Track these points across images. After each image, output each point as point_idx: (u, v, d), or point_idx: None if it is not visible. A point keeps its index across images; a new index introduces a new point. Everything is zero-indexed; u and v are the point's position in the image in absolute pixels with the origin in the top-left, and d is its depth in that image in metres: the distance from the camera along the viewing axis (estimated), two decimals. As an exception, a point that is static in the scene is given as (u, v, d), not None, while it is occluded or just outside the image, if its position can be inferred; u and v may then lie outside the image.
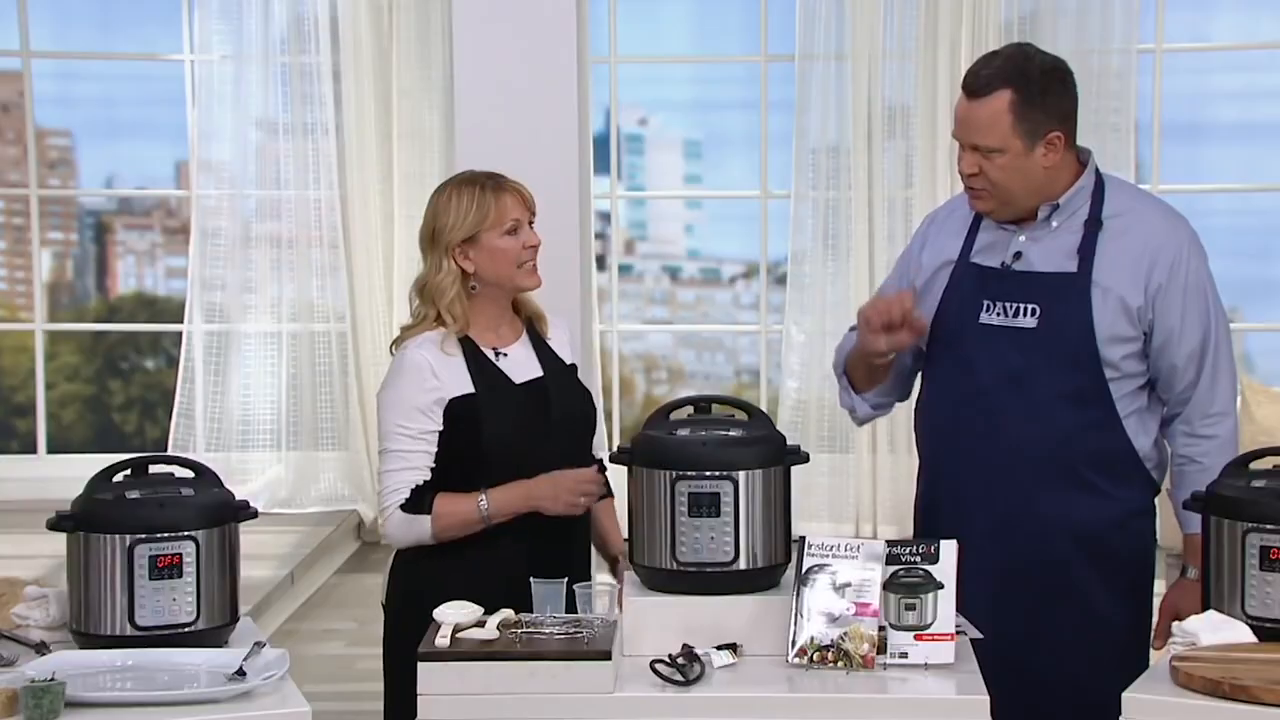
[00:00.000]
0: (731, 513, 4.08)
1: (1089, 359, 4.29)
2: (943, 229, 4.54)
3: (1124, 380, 4.33)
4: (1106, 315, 4.28)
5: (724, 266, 10.72)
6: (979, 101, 4.26)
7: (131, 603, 3.96)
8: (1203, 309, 4.33)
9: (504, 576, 4.25)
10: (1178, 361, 4.32)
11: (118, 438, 10.89)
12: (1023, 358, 4.31)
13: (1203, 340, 4.32)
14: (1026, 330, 4.32)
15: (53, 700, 3.55)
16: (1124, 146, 9.41)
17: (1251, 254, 10.20)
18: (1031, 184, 4.29)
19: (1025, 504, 4.31)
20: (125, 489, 4.06)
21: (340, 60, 9.65)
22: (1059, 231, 4.34)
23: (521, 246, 4.46)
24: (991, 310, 4.36)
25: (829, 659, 3.89)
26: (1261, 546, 3.96)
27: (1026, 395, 4.31)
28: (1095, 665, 4.35)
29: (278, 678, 3.77)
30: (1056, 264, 4.32)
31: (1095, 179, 4.38)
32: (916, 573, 3.96)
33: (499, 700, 3.78)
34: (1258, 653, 3.81)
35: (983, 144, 4.27)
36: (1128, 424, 4.35)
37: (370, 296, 9.77)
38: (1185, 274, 4.31)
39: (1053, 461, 4.31)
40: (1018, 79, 4.24)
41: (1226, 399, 4.35)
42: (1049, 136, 4.27)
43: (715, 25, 10.72)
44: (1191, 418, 4.34)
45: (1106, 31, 9.31)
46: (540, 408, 4.48)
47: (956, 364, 4.42)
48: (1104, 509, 4.34)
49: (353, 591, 8.92)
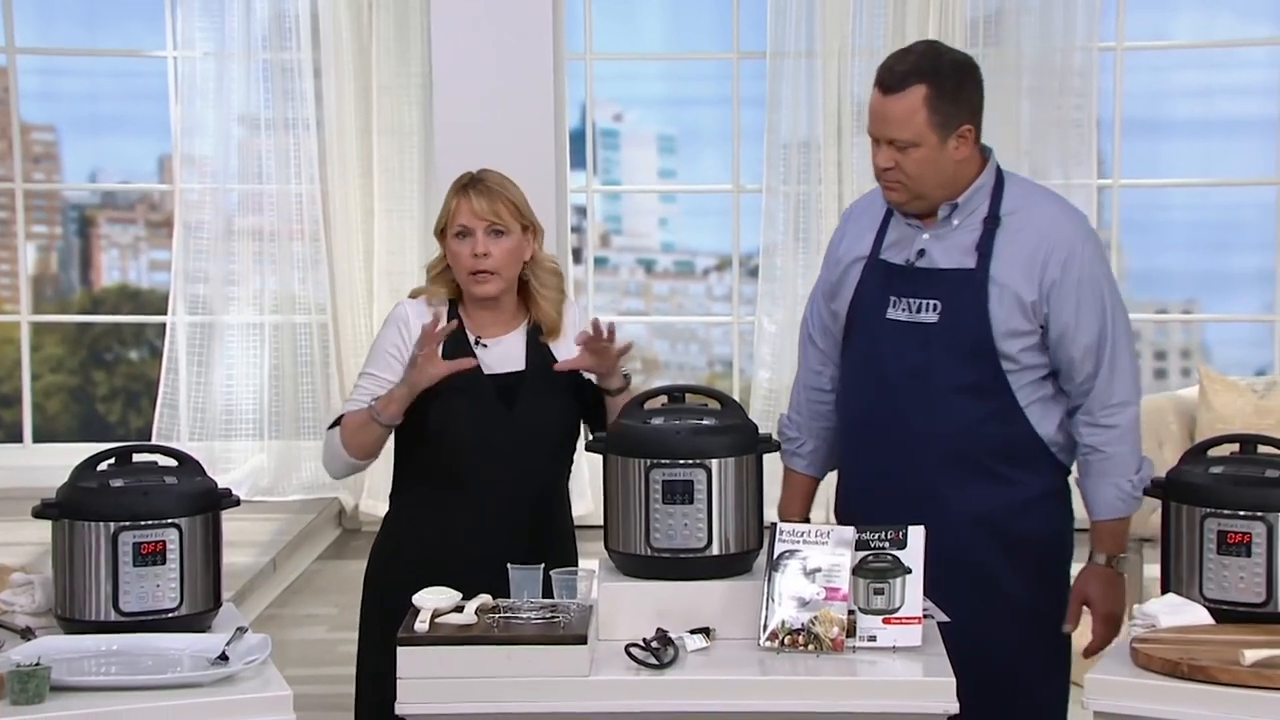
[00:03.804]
0: (705, 500, 4.11)
1: (987, 352, 4.33)
2: (857, 224, 4.59)
3: (1024, 372, 4.37)
4: (1002, 310, 4.32)
5: (697, 259, 10.74)
6: (895, 97, 4.30)
7: (116, 589, 3.98)
8: (1098, 303, 4.35)
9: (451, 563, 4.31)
10: (1075, 354, 4.35)
11: (102, 427, 10.91)
12: (924, 352, 4.36)
13: (1099, 334, 4.34)
14: (928, 325, 4.36)
15: (38, 684, 3.57)
16: (1086, 142, 9.50)
17: (1209, 247, 10.26)
18: (944, 176, 4.34)
19: (929, 494, 4.34)
20: (109, 477, 4.08)
21: (321, 57, 9.67)
22: (959, 229, 4.38)
23: (469, 254, 4.50)
24: (897, 306, 4.41)
25: (800, 642, 3.93)
26: (1219, 531, 4.02)
27: (928, 388, 4.36)
28: (1013, 648, 4.39)
29: (259, 662, 3.80)
30: (956, 260, 4.36)
31: (996, 177, 4.43)
32: (885, 558, 4.00)
33: (477, 684, 3.82)
34: (1215, 634, 3.87)
35: (898, 138, 4.31)
36: (1030, 412, 4.38)
37: (350, 289, 9.79)
38: (1079, 269, 4.33)
39: (955, 452, 4.36)
40: (932, 74, 4.29)
41: (1126, 389, 4.37)
42: (961, 130, 4.32)
43: (689, 23, 10.74)
44: (1092, 408, 4.37)
45: (1069, 30, 9.38)
46: (505, 401, 4.52)
47: (865, 358, 4.48)
48: (1009, 495, 4.38)
49: (334, 578, 8.94)
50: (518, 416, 4.52)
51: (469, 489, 4.50)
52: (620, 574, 4.19)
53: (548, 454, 4.58)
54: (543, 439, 4.56)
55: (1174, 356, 10.69)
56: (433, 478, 4.53)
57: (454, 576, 4.10)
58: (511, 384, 4.54)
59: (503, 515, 4.49)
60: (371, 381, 4.53)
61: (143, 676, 3.75)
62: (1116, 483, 4.38)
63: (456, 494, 4.50)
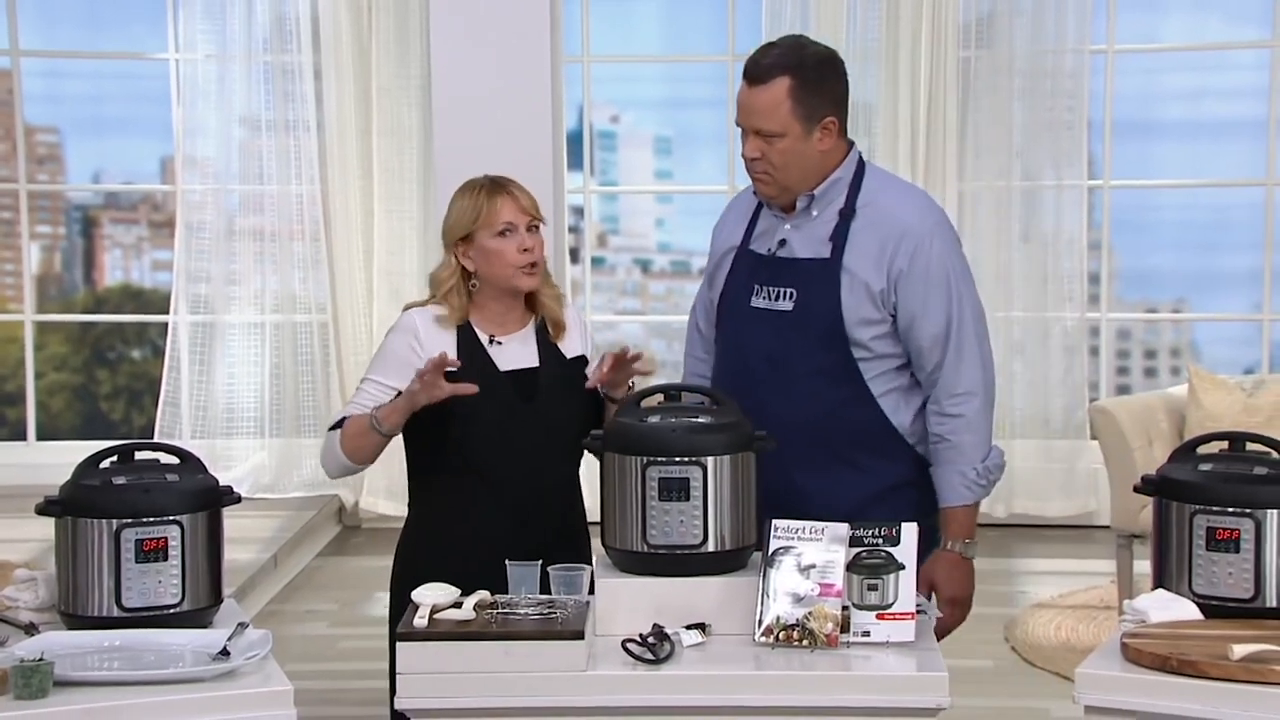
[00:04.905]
0: (700, 497, 4.12)
1: (839, 340, 4.41)
2: (733, 214, 4.70)
3: (878, 360, 4.44)
4: (853, 298, 4.40)
5: (693, 259, 10.76)
6: (760, 88, 4.39)
7: (118, 585, 4.00)
8: (944, 294, 4.42)
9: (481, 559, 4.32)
10: (923, 343, 4.42)
11: (105, 425, 10.94)
12: (780, 340, 4.44)
13: (946, 324, 4.41)
14: (784, 313, 4.44)
15: (41, 679, 3.59)
16: (1077, 143, 9.55)
17: (1198, 247, 10.29)
18: (809, 167, 4.43)
19: (786, 480, 4.38)
20: (112, 475, 4.09)
21: (321, 59, 9.69)
22: (817, 220, 4.47)
23: (516, 249, 4.55)
24: (759, 294, 4.50)
25: (794, 638, 3.96)
26: (1208, 528, 4.05)
27: (782, 375, 4.44)
28: None
29: (261, 657, 3.81)
30: (813, 250, 4.45)
31: (856, 170, 4.51)
32: (878, 554, 4.03)
33: (475, 679, 3.84)
34: (1204, 629, 3.90)
35: (764, 128, 4.39)
36: (884, 402, 4.46)
37: (351, 288, 9.81)
38: (927, 260, 4.40)
39: (810, 439, 4.41)
40: (795, 67, 4.38)
41: (972, 380, 4.43)
42: (824, 121, 4.41)
43: (685, 26, 10.76)
44: (940, 397, 4.43)
45: (1060, 32, 9.43)
46: (524, 396, 4.56)
47: (729, 346, 4.58)
48: (863, 483, 4.44)
49: (334, 574, 8.97)
50: (536, 411, 4.56)
51: (492, 485, 4.53)
52: (617, 570, 4.20)
53: (566, 447, 4.60)
54: (561, 432, 4.59)
55: (1164, 355, 10.72)
56: (456, 476, 4.56)
57: (481, 572, 4.15)
58: (527, 380, 4.59)
59: (527, 510, 4.53)
60: (377, 388, 4.55)
61: (145, 672, 3.76)
62: (962, 470, 4.43)
63: (480, 491, 4.53)
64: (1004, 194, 9.60)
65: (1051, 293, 9.65)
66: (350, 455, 4.53)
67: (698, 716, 3.87)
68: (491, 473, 4.54)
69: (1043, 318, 9.67)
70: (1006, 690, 7.00)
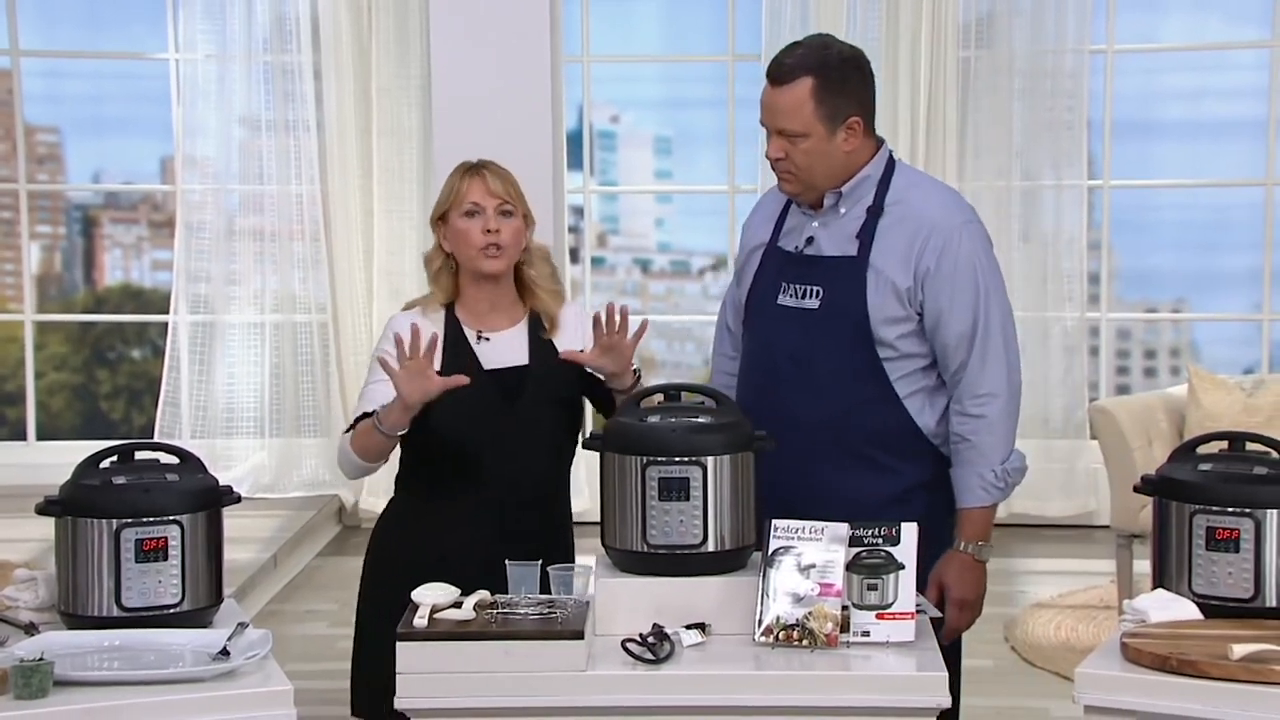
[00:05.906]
0: (700, 497, 4.12)
1: (865, 339, 4.40)
2: (762, 212, 4.71)
3: (904, 360, 4.43)
4: (879, 296, 4.39)
5: (693, 259, 10.77)
6: (783, 89, 4.40)
7: (118, 585, 4.00)
8: (972, 293, 4.41)
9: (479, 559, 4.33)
10: (949, 342, 4.41)
11: (105, 425, 10.95)
12: (806, 338, 4.43)
13: (972, 323, 4.40)
14: (810, 311, 4.44)
15: (41, 679, 3.59)
16: (1077, 143, 9.56)
17: (1198, 247, 10.29)
18: (833, 167, 4.42)
19: (806, 478, 4.39)
20: (112, 475, 4.09)
21: (321, 59, 9.70)
22: (845, 218, 4.46)
23: (480, 230, 4.55)
24: (786, 292, 4.50)
25: (794, 638, 3.95)
26: (1208, 527, 4.05)
27: (807, 373, 4.43)
28: None
29: (260, 657, 3.81)
30: (840, 248, 4.44)
31: (886, 167, 4.50)
32: (878, 554, 4.03)
33: (475, 678, 3.84)
34: (1204, 629, 3.90)
35: (788, 128, 4.39)
36: (910, 402, 4.44)
37: (350, 288, 9.83)
38: (955, 258, 4.39)
39: (833, 437, 4.41)
40: (819, 67, 4.38)
41: (996, 381, 4.41)
42: (849, 121, 4.40)
43: (684, 26, 10.77)
44: (962, 397, 4.42)
45: (1060, 32, 9.44)
46: (507, 395, 4.55)
47: (756, 344, 4.57)
48: (884, 483, 4.43)
49: (334, 574, 8.96)
50: (520, 412, 4.55)
51: (471, 484, 4.52)
52: (617, 570, 4.20)
53: (549, 449, 4.60)
54: (544, 434, 4.59)
55: (1163, 355, 10.72)
56: (434, 472, 4.56)
57: (452, 571, 4.14)
58: (514, 379, 4.58)
59: (503, 511, 4.51)
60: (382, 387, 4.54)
61: (145, 671, 3.76)
62: (980, 472, 4.42)
63: (457, 489, 4.53)
64: (1004, 194, 9.60)
65: (1051, 292, 9.66)
66: (361, 454, 4.53)
67: (698, 716, 3.87)
68: (469, 470, 4.53)
69: (1042, 317, 9.68)
70: (1006, 690, 7.00)
